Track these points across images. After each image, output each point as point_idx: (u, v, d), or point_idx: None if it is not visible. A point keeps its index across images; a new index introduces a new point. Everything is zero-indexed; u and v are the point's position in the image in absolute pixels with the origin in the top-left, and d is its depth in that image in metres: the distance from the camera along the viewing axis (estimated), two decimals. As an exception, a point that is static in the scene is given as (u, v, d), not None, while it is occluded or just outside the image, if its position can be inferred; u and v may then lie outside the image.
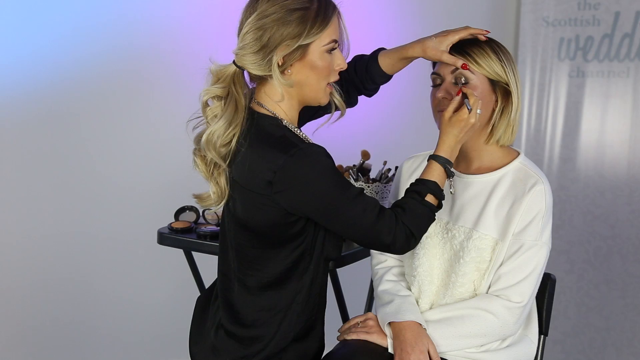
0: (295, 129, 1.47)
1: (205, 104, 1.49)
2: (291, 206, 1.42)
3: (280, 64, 1.40)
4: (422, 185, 1.46)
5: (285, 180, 1.39)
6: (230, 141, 1.45)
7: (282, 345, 1.53)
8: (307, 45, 1.39)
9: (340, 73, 1.54)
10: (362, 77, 1.66)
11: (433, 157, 1.48)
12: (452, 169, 1.49)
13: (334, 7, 1.43)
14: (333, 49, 1.43)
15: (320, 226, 1.49)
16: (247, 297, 1.53)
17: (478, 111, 1.45)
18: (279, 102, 1.46)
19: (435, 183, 1.46)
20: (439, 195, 1.47)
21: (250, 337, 1.53)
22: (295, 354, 1.54)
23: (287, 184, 1.39)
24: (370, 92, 1.71)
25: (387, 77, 1.66)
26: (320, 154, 1.40)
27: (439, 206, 1.49)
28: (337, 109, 1.59)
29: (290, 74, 1.43)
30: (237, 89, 1.45)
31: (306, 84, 1.44)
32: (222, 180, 1.50)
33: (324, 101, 1.49)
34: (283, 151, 1.39)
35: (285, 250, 1.49)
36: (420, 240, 1.56)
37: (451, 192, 1.53)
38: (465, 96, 1.46)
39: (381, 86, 1.71)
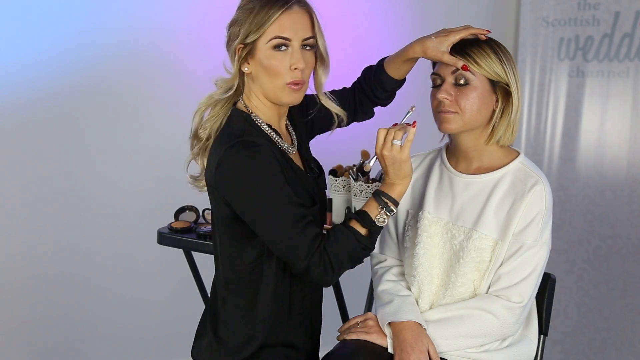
0: (264, 126, 1.48)
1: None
2: (227, 198, 1.42)
3: (238, 59, 1.44)
4: (350, 213, 1.45)
5: (222, 171, 1.40)
6: (207, 128, 1.50)
7: (252, 350, 1.51)
8: (254, 42, 1.42)
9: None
10: (372, 86, 1.67)
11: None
12: (386, 200, 1.43)
13: (282, 5, 1.41)
14: (278, 45, 1.42)
15: None
16: (223, 294, 1.55)
17: (397, 142, 1.41)
18: (250, 98, 1.50)
19: (364, 212, 1.44)
20: (366, 223, 1.43)
21: (218, 336, 1.55)
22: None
23: (223, 175, 1.40)
24: (384, 102, 1.72)
25: (397, 82, 1.67)
26: (259, 150, 1.39)
27: (370, 237, 1.44)
28: (341, 120, 1.63)
29: (248, 71, 1.46)
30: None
31: (261, 81, 1.46)
32: (205, 161, 1.53)
33: (286, 101, 1.47)
34: (227, 142, 1.41)
35: (246, 249, 1.49)
36: (420, 240, 1.56)
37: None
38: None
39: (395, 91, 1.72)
